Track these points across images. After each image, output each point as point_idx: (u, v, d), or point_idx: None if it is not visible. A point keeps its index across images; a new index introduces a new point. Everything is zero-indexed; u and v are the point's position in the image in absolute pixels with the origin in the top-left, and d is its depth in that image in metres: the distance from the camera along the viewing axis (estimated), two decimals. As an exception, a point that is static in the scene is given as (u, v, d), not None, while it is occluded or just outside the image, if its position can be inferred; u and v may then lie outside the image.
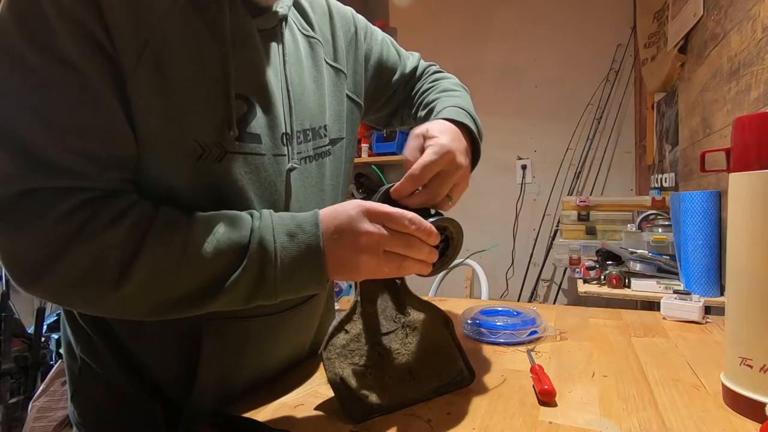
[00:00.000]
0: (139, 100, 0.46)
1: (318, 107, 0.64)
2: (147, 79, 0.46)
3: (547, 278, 2.60)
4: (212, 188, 0.51)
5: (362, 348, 0.54)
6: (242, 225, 0.47)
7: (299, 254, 0.47)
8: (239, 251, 0.46)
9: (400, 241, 0.47)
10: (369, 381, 0.52)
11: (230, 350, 0.57)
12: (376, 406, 0.51)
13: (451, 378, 0.56)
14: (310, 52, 0.65)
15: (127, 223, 0.44)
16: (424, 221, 0.48)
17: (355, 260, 0.47)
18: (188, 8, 0.50)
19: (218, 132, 0.51)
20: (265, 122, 0.56)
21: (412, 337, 0.56)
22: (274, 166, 0.56)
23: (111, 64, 0.45)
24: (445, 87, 0.76)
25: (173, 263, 0.44)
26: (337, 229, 0.48)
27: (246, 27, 0.55)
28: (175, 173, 0.49)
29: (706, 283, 1.14)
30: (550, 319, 0.84)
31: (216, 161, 0.51)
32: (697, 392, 0.54)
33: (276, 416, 0.53)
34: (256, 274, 0.46)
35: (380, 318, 0.56)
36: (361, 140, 2.93)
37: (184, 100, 0.49)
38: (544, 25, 2.57)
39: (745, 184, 0.48)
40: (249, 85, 0.54)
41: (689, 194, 1.17)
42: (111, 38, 0.44)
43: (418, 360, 0.55)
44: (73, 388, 0.61)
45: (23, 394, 1.87)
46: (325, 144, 0.65)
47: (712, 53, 1.34)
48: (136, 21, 0.46)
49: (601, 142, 2.46)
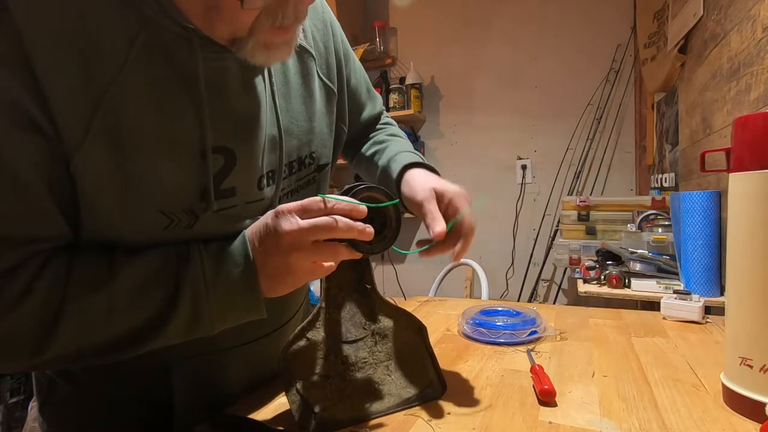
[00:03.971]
0: (89, 175, 0.41)
1: (306, 134, 0.58)
2: (98, 152, 0.40)
3: (547, 278, 2.60)
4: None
5: (324, 357, 0.51)
6: (170, 270, 0.44)
7: (232, 286, 0.45)
8: (169, 298, 0.44)
9: (322, 226, 0.43)
10: (328, 392, 0.49)
11: (207, 383, 0.55)
12: (333, 420, 0.48)
13: (420, 390, 0.53)
14: (299, 66, 0.58)
15: (35, 297, 0.40)
16: (341, 200, 0.45)
17: (286, 263, 0.45)
18: (148, 53, 0.42)
19: (190, 199, 0.46)
20: (242, 171, 0.49)
21: (381, 345, 0.54)
22: (247, 213, 0.52)
23: (46, 143, 0.39)
24: (393, 131, 0.78)
25: (96, 326, 0.42)
26: (260, 243, 0.46)
27: (221, 63, 0.46)
28: (139, 240, 0.46)
29: (706, 283, 1.14)
30: (550, 319, 0.84)
31: (186, 227, 0.47)
32: (697, 392, 0.54)
33: (276, 416, 0.53)
34: (189, 316, 0.44)
35: (348, 325, 0.53)
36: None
37: (147, 170, 0.43)
38: (544, 25, 2.57)
39: (745, 184, 0.48)
40: (228, 134, 0.47)
41: (689, 194, 1.16)
42: (49, 114, 0.38)
43: (387, 370, 0.53)
44: (41, 400, 0.58)
45: (23, 394, 1.87)
46: (310, 173, 0.60)
47: (712, 53, 1.34)
48: (81, 83, 0.39)
49: (601, 142, 2.45)
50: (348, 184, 0.49)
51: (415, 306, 1.03)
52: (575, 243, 1.90)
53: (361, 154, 0.75)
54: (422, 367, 0.55)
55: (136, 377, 0.54)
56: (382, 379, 0.52)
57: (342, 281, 0.53)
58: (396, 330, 0.55)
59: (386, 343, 0.54)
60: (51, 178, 0.41)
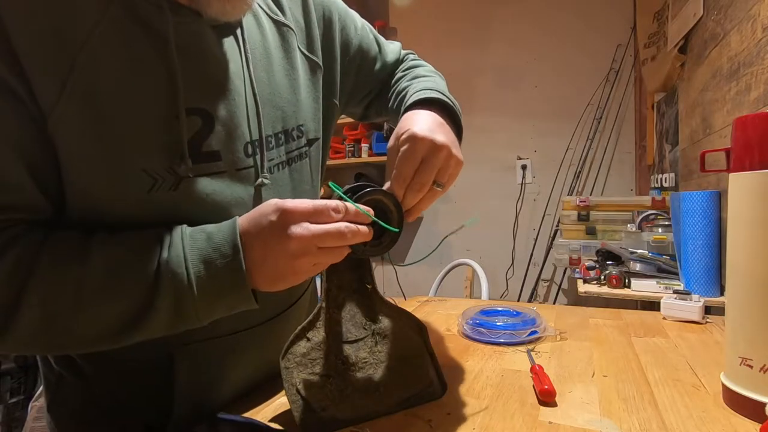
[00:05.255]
0: (67, 136, 0.41)
1: (291, 105, 0.58)
2: (75, 112, 0.41)
3: (547, 278, 2.60)
4: (171, 218, 0.46)
5: (324, 357, 0.50)
6: (149, 257, 0.43)
7: (219, 282, 0.44)
8: (147, 289, 0.42)
9: (331, 233, 0.43)
10: (329, 392, 0.49)
11: (208, 372, 0.54)
12: (333, 420, 0.48)
13: (420, 390, 0.53)
14: (279, 40, 0.58)
15: (2, 269, 0.40)
16: (350, 204, 0.45)
17: (291, 266, 0.44)
18: (121, 18, 0.43)
19: (169, 158, 0.46)
20: (224, 135, 0.50)
21: (381, 345, 0.53)
22: (239, 181, 0.51)
23: (18, 106, 0.40)
24: (416, 74, 0.72)
25: (65, 304, 0.41)
26: (262, 240, 0.44)
27: (194, 26, 0.48)
28: (125, 208, 0.45)
29: (706, 283, 1.14)
30: (550, 319, 0.84)
31: (171, 189, 0.46)
32: (697, 392, 0.54)
33: (276, 416, 0.53)
34: (171, 310, 0.43)
35: (348, 325, 0.53)
36: (361, 140, 2.93)
37: (125, 127, 0.43)
38: (544, 25, 2.57)
39: (745, 184, 0.48)
40: (203, 95, 0.48)
41: (689, 194, 1.17)
42: (21, 73, 0.39)
43: (387, 370, 0.52)
44: (49, 398, 0.58)
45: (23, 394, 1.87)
46: (301, 146, 0.59)
47: (712, 53, 1.34)
48: (55, 46, 0.40)
49: (601, 142, 2.46)
50: (349, 185, 0.49)
51: (415, 306, 1.03)
52: (575, 243, 1.90)
53: (389, 108, 0.71)
54: (422, 367, 0.55)
55: (140, 367, 0.53)
56: (383, 379, 0.52)
57: (342, 281, 0.53)
58: (396, 330, 0.55)
59: (387, 343, 0.54)
60: (23, 144, 0.41)
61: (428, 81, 0.67)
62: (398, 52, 0.78)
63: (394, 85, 0.73)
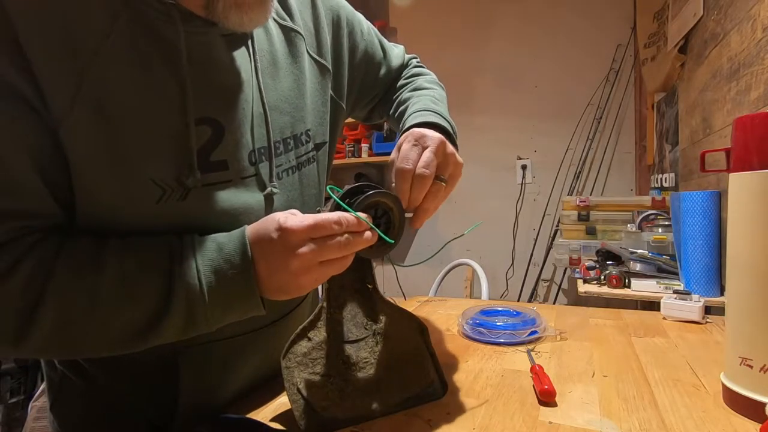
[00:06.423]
0: (78, 145, 0.42)
1: (298, 111, 0.58)
2: (85, 121, 0.41)
3: (547, 278, 2.60)
4: (181, 227, 0.47)
5: (325, 357, 0.50)
6: (159, 267, 0.43)
7: (230, 292, 0.44)
8: (161, 297, 0.43)
9: (333, 247, 0.44)
10: (329, 392, 0.49)
11: (213, 373, 0.55)
12: (334, 420, 0.48)
13: (420, 390, 0.53)
14: (287, 46, 0.59)
15: (20, 277, 0.40)
16: (350, 216, 0.45)
17: (294, 282, 0.44)
18: (132, 28, 0.44)
19: (178, 168, 0.46)
20: (232, 145, 0.50)
21: (382, 345, 0.53)
22: (246, 190, 0.51)
23: (31, 114, 0.40)
24: (418, 85, 0.73)
25: (80, 316, 0.41)
26: (265, 258, 0.44)
27: (205, 36, 0.48)
28: (134, 217, 0.45)
29: (706, 283, 1.14)
30: (550, 319, 0.84)
31: (180, 200, 0.47)
32: (697, 392, 0.54)
33: (276, 416, 0.53)
34: (184, 318, 0.44)
35: (350, 325, 0.53)
36: (361, 140, 2.93)
37: (134, 137, 0.44)
38: (544, 25, 2.57)
39: (745, 184, 0.48)
40: (213, 105, 0.49)
41: (689, 194, 1.17)
42: (34, 81, 0.39)
43: (388, 370, 0.52)
44: (52, 398, 0.58)
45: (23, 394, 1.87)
46: (309, 150, 0.60)
47: (712, 53, 1.34)
48: (67, 56, 0.41)
49: (601, 142, 2.46)
50: (349, 185, 0.49)
51: (415, 306, 1.03)
52: (575, 243, 1.90)
53: (390, 114, 0.74)
54: (423, 367, 0.55)
55: (144, 369, 0.54)
56: (383, 379, 0.52)
57: (344, 281, 0.53)
58: (397, 330, 0.55)
59: (387, 343, 0.54)
60: (36, 150, 0.41)
61: (428, 97, 0.68)
62: (402, 57, 0.80)
63: (397, 92, 0.74)
